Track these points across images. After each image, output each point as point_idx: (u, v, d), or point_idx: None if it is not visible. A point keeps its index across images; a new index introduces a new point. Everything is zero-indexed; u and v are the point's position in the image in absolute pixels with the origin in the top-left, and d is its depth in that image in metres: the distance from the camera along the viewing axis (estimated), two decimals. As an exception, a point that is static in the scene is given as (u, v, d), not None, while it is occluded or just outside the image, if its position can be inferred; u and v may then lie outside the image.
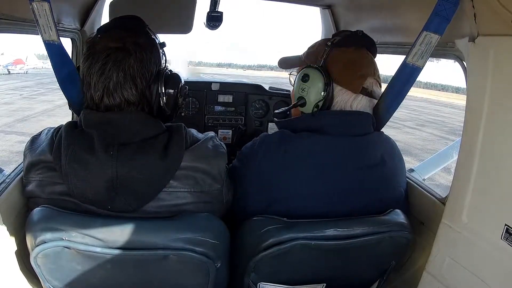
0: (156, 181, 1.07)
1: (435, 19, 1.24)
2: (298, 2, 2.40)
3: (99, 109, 1.09)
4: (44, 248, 1.01)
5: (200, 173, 1.12)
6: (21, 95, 18.78)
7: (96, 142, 1.03)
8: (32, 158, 1.11)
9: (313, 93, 1.30)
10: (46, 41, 1.29)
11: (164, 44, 1.19)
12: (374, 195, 1.26)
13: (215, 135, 1.24)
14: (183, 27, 1.96)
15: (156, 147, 1.06)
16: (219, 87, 2.44)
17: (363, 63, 1.33)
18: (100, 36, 1.12)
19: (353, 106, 1.31)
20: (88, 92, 1.09)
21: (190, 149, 1.11)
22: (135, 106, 1.10)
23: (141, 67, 1.09)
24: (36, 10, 1.24)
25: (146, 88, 1.10)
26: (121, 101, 1.08)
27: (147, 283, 1.14)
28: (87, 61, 1.09)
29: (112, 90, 1.07)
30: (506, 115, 1.06)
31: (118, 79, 1.06)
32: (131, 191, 1.04)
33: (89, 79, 1.08)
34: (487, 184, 1.13)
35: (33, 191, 1.11)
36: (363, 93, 1.31)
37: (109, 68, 1.06)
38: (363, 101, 1.32)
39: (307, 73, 1.32)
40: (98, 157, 1.02)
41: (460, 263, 1.19)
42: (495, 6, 1.00)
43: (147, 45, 1.12)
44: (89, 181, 1.03)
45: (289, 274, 1.22)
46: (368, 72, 1.31)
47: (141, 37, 1.12)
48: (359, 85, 1.29)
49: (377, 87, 1.34)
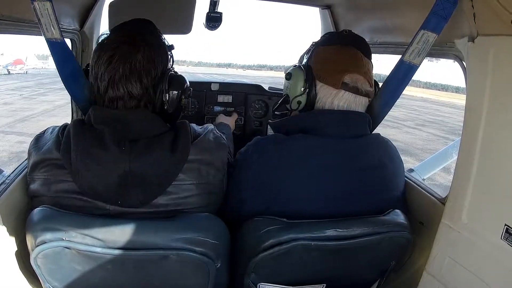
0: (166, 175, 1.09)
1: (433, 18, 1.25)
2: (298, 3, 2.40)
3: (104, 101, 1.11)
4: (44, 248, 1.01)
5: (205, 165, 1.15)
6: (21, 95, 18.80)
7: (107, 137, 1.05)
8: (38, 157, 1.12)
9: (295, 90, 1.33)
10: (49, 39, 1.30)
11: (172, 46, 1.22)
12: (373, 197, 1.26)
13: (214, 127, 1.27)
14: (182, 28, 1.96)
15: (165, 143, 1.09)
16: (219, 87, 2.44)
17: (344, 59, 1.32)
18: (111, 33, 1.15)
19: (335, 102, 1.29)
20: (95, 82, 1.11)
21: (195, 143, 1.14)
22: (137, 100, 1.11)
23: (148, 64, 1.10)
24: (38, 10, 1.25)
25: (151, 85, 1.12)
26: (124, 93, 1.09)
27: (147, 283, 1.14)
28: (97, 53, 1.11)
29: (117, 81, 1.08)
30: (505, 115, 1.06)
31: (124, 71, 1.08)
32: (141, 185, 1.06)
33: (97, 69, 1.10)
34: (487, 184, 1.13)
35: (38, 189, 1.12)
36: (345, 89, 1.28)
37: (116, 60, 1.08)
38: (345, 97, 1.29)
39: (290, 71, 1.36)
40: (112, 152, 1.03)
41: (460, 263, 1.19)
42: (494, 6, 1.01)
43: (156, 44, 1.14)
44: (102, 176, 1.04)
45: (289, 274, 1.22)
46: (350, 68, 1.29)
47: (150, 36, 1.15)
48: (339, 80, 1.28)
49: (365, 84, 1.30)
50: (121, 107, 1.10)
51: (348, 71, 1.28)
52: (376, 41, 1.89)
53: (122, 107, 1.10)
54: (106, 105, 1.11)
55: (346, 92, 1.29)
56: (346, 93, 1.29)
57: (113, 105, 1.10)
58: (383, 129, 1.50)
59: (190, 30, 1.97)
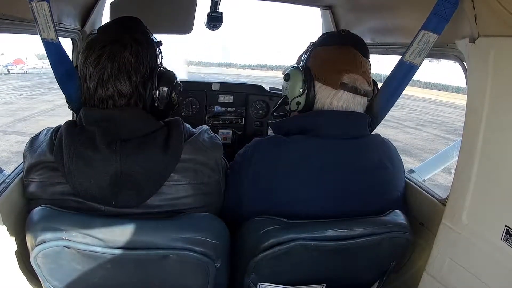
0: (158, 175, 1.08)
1: (434, 18, 1.24)
2: (298, 3, 2.40)
3: (94, 102, 1.11)
4: (44, 248, 1.01)
5: (199, 165, 1.15)
6: (21, 95, 18.79)
7: (98, 138, 1.04)
8: (32, 159, 1.12)
9: (293, 91, 1.33)
10: (45, 39, 1.29)
11: (160, 42, 1.21)
12: (373, 198, 1.26)
13: (209, 128, 1.26)
14: (183, 28, 1.96)
15: (157, 142, 1.08)
16: (220, 88, 2.45)
17: (342, 59, 1.31)
18: (98, 33, 1.16)
19: (334, 102, 1.29)
20: (85, 83, 1.11)
21: (188, 142, 1.14)
22: (127, 98, 1.11)
23: (136, 61, 1.11)
24: (35, 9, 1.25)
25: (140, 83, 1.12)
26: (113, 91, 1.09)
27: (147, 283, 1.14)
28: (84, 53, 1.12)
29: (106, 81, 1.09)
30: (506, 116, 1.06)
31: (113, 70, 1.09)
32: (134, 185, 1.05)
33: (85, 70, 1.11)
34: (487, 185, 1.12)
35: (34, 192, 1.12)
36: (343, 89, 1.28)
37: (104, 59, 1.09)
38: (344, 97, 1.29)
39: (288, 72, 1.36)
40: (101, 153, 1.03)
41: (460, 264, 1.19)
42: (495, 7, 1.00)
43: (143, 41, 1.14)
44: (93, 177, 1.03)
45: (289, 274, 1.22)
46: (348, 67, 1.29)
47: (137, 34, 1.15)
48: (337, 80, 1.28)
49: (364, 84, 1.30)
50: (111, 106, 1.10)
51: (346, 71, 1.28)
52: (377, 42, 1.89)
53: (113, 106, 1.10)
54: (96, 105, 1.11)
55: (345, 92, 1.29)
56: (345, 93, 1.29)
57: (103, 105, 1.11)
58: (383, 128, 1.49)
59: (191, 30, 1.97)
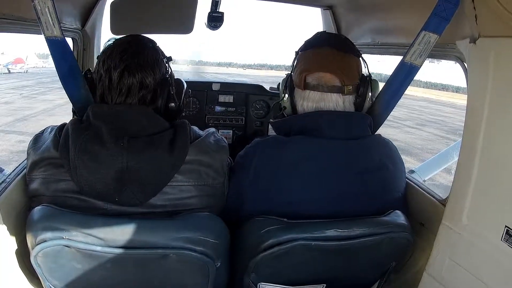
0: (163, 175, 1.09)
1: (435, 19, 1.25)
2: (299, 3, 2.40)
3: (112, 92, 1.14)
4: (44, 247, 1.01)
5: (204, 167, 1.16)
6: (21, 94, 18.78)
7: (105, 134, 1.05)
8: (36, 156, 1.12)
9: (281, 97, 1.40)
10: (49, 37, 1.30)
11: (170, 58, 1.26)
12: (374, 198, 1.26)
13: (215, 131, 1.28)
14: (184, 28, 1.96)
15: (164, 142, 1.09)
16: (220, 87, 2.45)
17: (309, 60, 1.34)
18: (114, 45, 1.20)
19: (304, 103, 1.33)
20: (107, 76, 1.14)
21: (194, 144, 1.15)
22: (145, 91, 1.14)
23: (157, 61, 1.18)
24: (39, 8, 1.25)
25: (159, 82, 1.17)
26: (138, 80, 1.13)
27: (147, 282, 1.14)
28: (107, 52, 1.16)
29: (133, 68, 1.13)
30: (506, 116, 1.06)
31: (139, 61, 1.14)
32: (139, 183, 1.06)
33: (110, 62, 1.14)
34: (487, 185, 1.12)
35: (37, 189, 1.12)
36: (308, 88, 1.30)
37: (130, 53, 1.14)
38: (311, 96, 1.30)
39: (280, 82, 1.44)
40: (109, 148, 1.04)
41: (460, 265, 1.19)
42: (496, 8, 1.01)
43: (159, 51, 1.22)
44: (99, 173, 1.04)
45: (289, 274, 1.22)
46: (311, 68, 1.31)
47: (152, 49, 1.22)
48: (301, 80, 1.31)
49: (332, 80, 1.28)
50: (126, 100, 1.13)
51: (309, 71, 1.31)
52: (378, 42, 1.89)
53: (128, 100, 1.13)
54: (112, 97, 1.14)
55: (311, 92, 1.31)
56: (312, 92, 1.31)
57: (121, 97, 1.13)
58: (383, 128, 1.49)
59: (191, 30, 1.97)
